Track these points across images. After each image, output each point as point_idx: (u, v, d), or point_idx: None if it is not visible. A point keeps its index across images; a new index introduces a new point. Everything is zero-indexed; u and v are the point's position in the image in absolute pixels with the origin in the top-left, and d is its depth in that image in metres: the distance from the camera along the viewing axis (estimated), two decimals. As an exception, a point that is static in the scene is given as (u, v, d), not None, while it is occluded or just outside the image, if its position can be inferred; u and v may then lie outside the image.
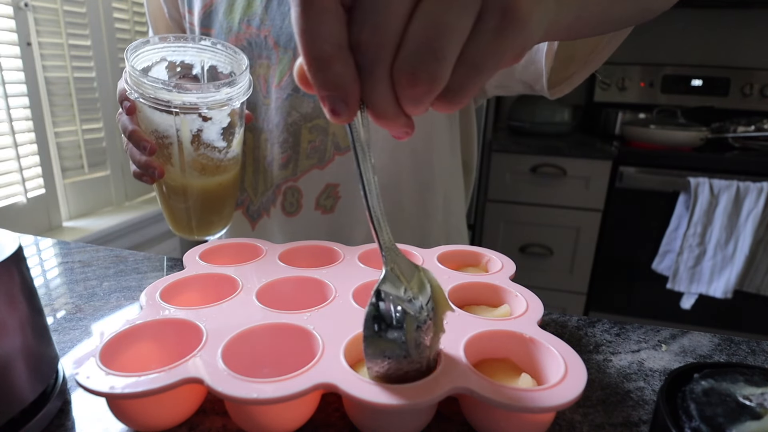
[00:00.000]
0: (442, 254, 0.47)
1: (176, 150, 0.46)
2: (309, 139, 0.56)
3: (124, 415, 0.29)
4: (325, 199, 0.58)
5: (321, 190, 0.57)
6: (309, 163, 0.57)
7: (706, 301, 1.55)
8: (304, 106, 0.55)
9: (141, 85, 0.43)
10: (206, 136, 0.47)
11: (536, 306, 0.37)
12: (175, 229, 0.54)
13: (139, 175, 0.49)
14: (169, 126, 0.45)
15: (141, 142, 0.45)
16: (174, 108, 0.43)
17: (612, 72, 1.92)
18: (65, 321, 0.44)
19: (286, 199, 0.58)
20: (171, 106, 0.43)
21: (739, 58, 1.85)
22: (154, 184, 0.50)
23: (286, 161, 0.57)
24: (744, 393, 0.26)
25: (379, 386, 0.26)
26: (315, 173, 0.57)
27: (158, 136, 0.46)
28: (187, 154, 0.47)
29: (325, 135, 0.56)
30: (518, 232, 1.72)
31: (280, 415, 0.28)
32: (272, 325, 0.33)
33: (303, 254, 0.47)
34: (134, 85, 0.43)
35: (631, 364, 0.38)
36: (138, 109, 0.46)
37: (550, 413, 0.29)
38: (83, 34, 1.25)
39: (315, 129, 0.55)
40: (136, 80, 0.43)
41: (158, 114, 0.45)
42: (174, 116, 0.44)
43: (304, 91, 0.53)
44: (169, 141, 0.46)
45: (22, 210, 1.14)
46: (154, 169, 0.46)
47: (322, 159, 0.56)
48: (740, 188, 1.42)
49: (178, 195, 0.50)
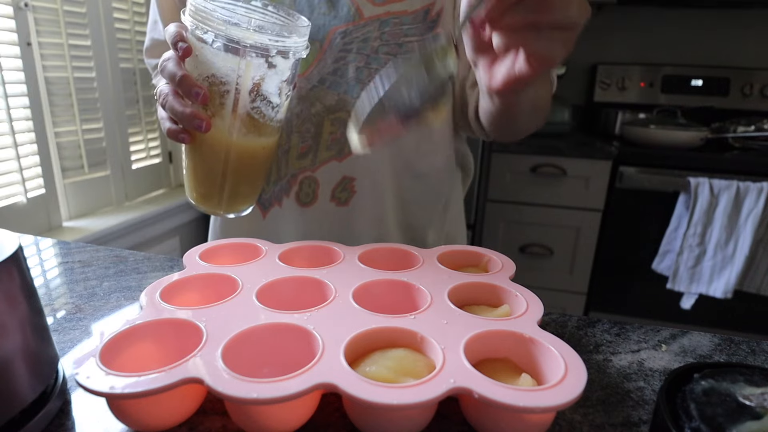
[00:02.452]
0: (442, 254, 0.47)
1: (231, 100, 0.42)
2: (330, 131, 0.56)
3: (124, 415, 0.29)
4: (340, 191, 0.58)
5: (338, 182, 0.58)
6: (328, 154, 0.57)
7: (706, 301, 1.55)
8: (328, 98, 0.55)
9: (208, 21, 0.39)
10: (265, 87, 0.43)
11: (536, 306, 0.37)
12: (201, 200, 0.49)
13: (175, 132, 0.44)
14: (231, 70, 0.41)
15: (193, 88, 0.40)
16: (244, 46, 0.39)
17: (612, 72, 1.92)
18: (65, 321, 0.44)
19: (302, 189, 0.58)
20: (240, 45, 0.39)
21: (739, 58, 1.85)
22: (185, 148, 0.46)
23: (306, 151, 0.57)
24: (744, 393, 0.26)
25: (380, 386, 0.26)
26: (333, 165, 0.57)
27: (213, 82, 0.42)
28: (242, 105, 0.43)
29: (345, 128, 0.56)
30: (518, 232, 1.72)
31: (280, 415, 0.28)
32: (272, 325, 0.33)
33: (303, 254, 0.47)
34: (201, 21, 0.39)
35: (631, 364, 0.38)
36: (195, 51, 0.41)
37: (550, 413, 0.29)
38: (83, 34, 1.25)
39: (337, 121, 0.56)
40: (205, 15, 0.39)
41: (222, 56, 0.40)
42: (240, 59, 0.40)
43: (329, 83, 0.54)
44: (226, 89, 0.42)
45: (22, 210, 1.14)
46: (201, 121, 0.41)
47: (341, 151, 0.57)
48: (740, 188, 1.42)
49: (217, 155, 0.45)
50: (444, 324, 0.34)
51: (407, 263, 0.45)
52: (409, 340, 0.33)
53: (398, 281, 0.41)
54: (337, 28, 0.53)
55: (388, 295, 0.40)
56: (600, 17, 1.93)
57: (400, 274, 0.42)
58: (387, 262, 0.45)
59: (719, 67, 1.83)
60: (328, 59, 0.54)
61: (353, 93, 0.55)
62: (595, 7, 1.81)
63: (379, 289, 0.40)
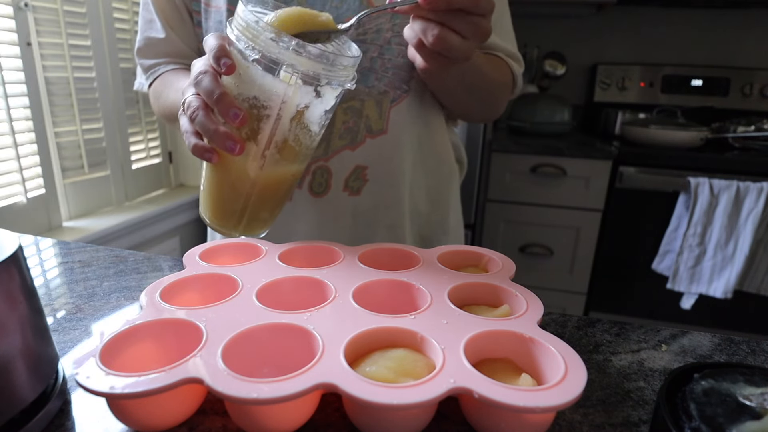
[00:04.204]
0: (442, 254, 0.47)
1: (270, 125, 0.40)
2: (343, 119, 0.56)
3: (124, 415, 0.29)
4: (353, 180, 0.59)
5: (350, 171, 0.58)
6: (341, 143, 0.57)
7: (706, 301, 1.55)
8: None
9: (259, 40, 0.36)
10: (308, 116, 0.41)
11: (536, 306, 0.37)
12: (217, 220, 0.46)
13: (202, 150, 0.41)
14: (276, 95, 0.39)
15: (232, 109, 0.38)
16: (295, 73, 0.37)
17: (612, 72, 1.92)
18: (65, 321, 0.44)
19: (315, 179, 0.58)
20: (293, 71, 0.37)
21: (739, 58, 1.85)
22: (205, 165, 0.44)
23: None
24: (744, 393, 0.26)
25: (380, 386, 0.26)
26: (346, 154, 0.57)
27: (254, 105, 0.39)
28: (281, 132, 0.40)
29: (359, 117, 0.57)
30: (518, 232, 1.72)
31: (280, 415, 0.28)
32: (272, 325, 0.33)
33: (303, 254, 0.47)
34: (250, 40, 0.37)
35: (631, 364, 0.38)
36: (239, 69, 0.39)
37: (550, 413, 0.29)
38: (83, 34, 1.25)
39: (350, 110, 0.56)
40: (255, 33, 0.36)
41: (269, 79, 0.38)
42: (288, 84, 0.38)
43: None
44: (266, 113, 0.39)
45: (22, 210, 1.14)
46: (235, 144, 0.39)
47: (354, 140, 0.57)
48: (740, 188, 1.42)
49: (243, 180, 0.42)
50: (444, 324, 0.34)
51: (407, 263, 0.45)
52: (409, 340, 0.33)
53: (398, 281, 0.41)
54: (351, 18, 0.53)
55: (388, 295, 0.40)
56: (600, 17, 1.93)
57: (400, 274, 0.42)
58: (387, 262, 0.45)
59: (719, 67, 1.83)
60: None
61: (367, 82, 0.56)
62: (595, 7, 1.81)
63: (379, 289, 0.40)
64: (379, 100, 0.57)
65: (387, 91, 0.57)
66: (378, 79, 0.56)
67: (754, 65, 1.82)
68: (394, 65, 0.56)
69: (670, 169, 1.51)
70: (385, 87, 0.56)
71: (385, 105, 0.57)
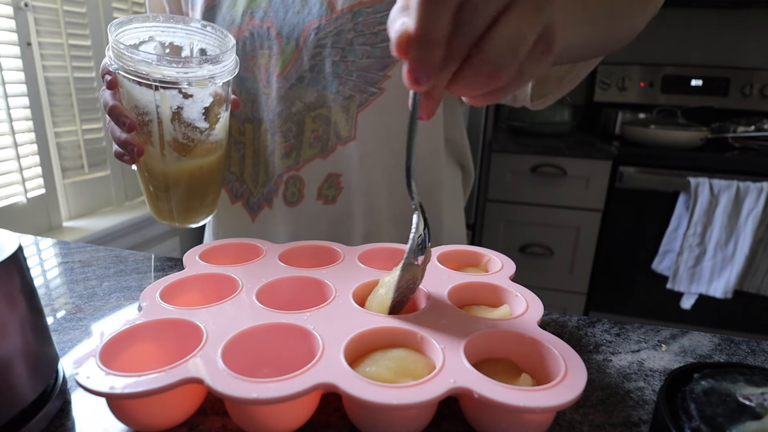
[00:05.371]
0: (442, 254, 0.47)
1: (156, 128, 0.45)
2: (312, 128, 0.56)
3: (124, 415, 0.29)
4: (327, 189, 0.58)
5: (323, 179, 0.57)
6: (311, 152, 0.57)
7: (706, 301, 1.55)
8: (308, 96, 0.55)
9: (121, 57, 0.42)
10: (187, 115, 0.46)
11: (536, 306, 0.37)
12: (157, 215, 0.53)
13: (119, 154, 0.48)
14: (149, 102, 0.44)
15: (120, 118, 0.44)
16: (153, 82, 0.42)
17: (612, 72, 1.92)
18: (65, 321, 0.44)
19: (288, 188, 0.58)
20: (150, 79, 0.42)
21: (739, 58, 1.85)
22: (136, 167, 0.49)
23: (289, 150, 0.57)
24: (744, 393, 0.26)
25: (380, 386, 0.26)
26: (317, 162, 0.57)
27: (138, 112, 0.45)
28: (167, 132, 0.46)
29: (327, 125, 0.56)
30: (518, 232, 1.72)
31: (280, 415, 0.28)
32: (272, 325, 0.33)
33: (303, 254, 0.47)
34: (116, 58, 0.42)
35: (631, 364, 0.38)
36: (119, 83, 0.45)
37: (550, 413, 0.29)
38: (83, 34, 1.25)
39: (318, 118, 0.56)
40: (117, 52, 0.42)
41: (138, 89, 0.44)
42: (154, 91, 0.43)
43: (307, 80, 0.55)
44: (149, 118, 0.45)
45: (22, 210, 1.14)
46: (133, 147, 0.45)
47: (324, 148, 0.56)
48: (740, 188, 1.42)
49: (157, 178, 0.49)
50: (444, 324, 0.34)
51: (407, 263, 0.45)
52: (409, 340, 0.33)
53: (398, 281, 0.40)
54: (311, 24, 0.53)
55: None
56: (600, 17, 1.93)
57: (400, 274, 0.42)
58: (387, 262, 0.45)
59: (719, 67, 1.83)
60: (304, 57, 0.54)
61: (332, 89, 0.54)
62: (595, 7, 1.81)
63: (379, 289, 0.40)
64: (345, 105, 0.55)
65: (353, 96, 0.54)
66: (342, 84, 0.54)
67: (754, 65, 1.82)
68: (358, 67, 0.53)
69: (670, 169, 1.51)
70: (350, 91, 0.54)
71: (351, 110, 0.55)
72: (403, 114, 0.57)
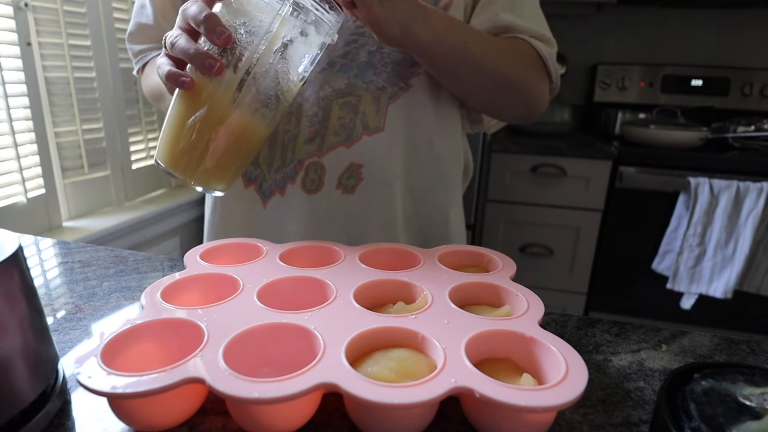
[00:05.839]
0: (442, 254, 0.47)
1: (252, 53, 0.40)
2: (339, 115, 0.55)
3: (125, 414, 0.29)
4: (347, 178, 0.57)
5: (344, 168, 0.57)
6: (336, 139, 0.56)
7: (706, 301, 1.55)
8: (338, 82, 0.55)
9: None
10: (291, 52, 0.41)
11: (537, 306, 0.37)
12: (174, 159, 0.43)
13: (175, 75, 0.40)
14: (264, 23, 0.39)
15: (218, 26, 0.38)
16: None
17: (612, 72, 1.92)
18: (65, 321, 0.44)
19: (308, 175, 0.57)
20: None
21: (739, 58, 1.85)
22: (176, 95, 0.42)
23: (313, 136, 0.56)
24: (744, 393, 0.26)
25: (381, 386, 0.26)
26: (341, 151, 0.56)
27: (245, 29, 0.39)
28: (262, 62, 0.40)
29: (355, 113, 0.55)
30: (518, 232, 1.72)
31: (281, 414, 0.28)
32: (273, 325, 0.33)
33: (304, 254, 0.47)
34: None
35: (631, 364, 0.38)
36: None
37: (551, 413, 0.29)
38: (83, 34, 1.25)
39: (346, 106, 0.55)
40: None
41: (261, 4, 0.39)
42: (278, 11, 0.39)
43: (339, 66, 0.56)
44: (251, 39, 0.39)
45: (22, 210, 1.14)
46: (215, 62, 0.38)
47: (349, 137, 0.56)
48: (740, 188, 1.42)
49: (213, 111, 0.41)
50: (445, 324, 0.34)
51: (408, 263, 0.45)
52: (410, 339, 0.33)
53: (399, 281, 0.41)
54: None
55: (389, 295, 0.40)
56: (600, 17, 1.93)
57: (400, 273, 0.42)
58: (388, 262, 0.45)
59: (719, 67, 1.83)
60: (338, 42, 0.53)
61: (365, 78, 0.55)
62: (595, 7, 1.81)
63: (379, 289, 0.40)
64: (377, 96, 0.55)
65: (385, 87, 0.55)
66: (376, 74, 0.55)
67: (754, 65, 1.82)
68: (393, 60, 0.55)
69: (670, 169, 1.51)
70: (383, 83, 0.55)
71: (382, 101, 0.56)
72: (426, 112, 0.58)
